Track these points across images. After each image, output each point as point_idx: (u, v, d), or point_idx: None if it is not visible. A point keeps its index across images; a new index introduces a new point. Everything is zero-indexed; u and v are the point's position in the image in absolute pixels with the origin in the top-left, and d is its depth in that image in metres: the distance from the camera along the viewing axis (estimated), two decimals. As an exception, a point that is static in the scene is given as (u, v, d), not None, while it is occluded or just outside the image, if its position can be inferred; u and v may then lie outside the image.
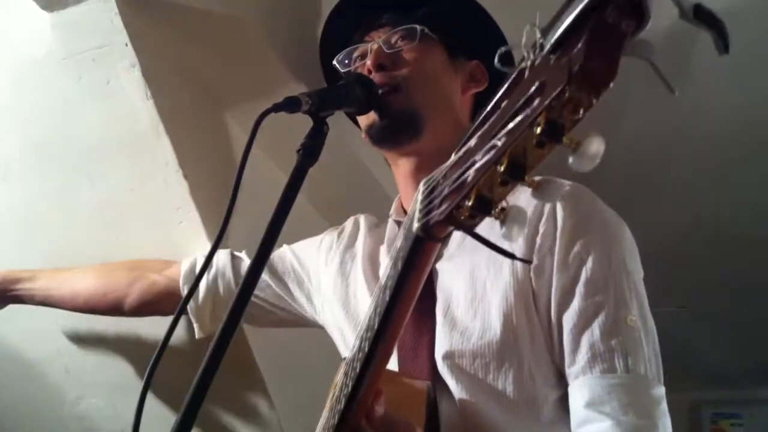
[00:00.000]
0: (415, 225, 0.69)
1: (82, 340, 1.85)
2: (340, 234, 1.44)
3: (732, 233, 2.49)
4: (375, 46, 1.27)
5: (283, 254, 1.48)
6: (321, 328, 1.42)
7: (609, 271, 1.09)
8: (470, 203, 0.59)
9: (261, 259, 0.91)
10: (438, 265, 1.19)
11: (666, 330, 1.16)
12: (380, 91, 1.21)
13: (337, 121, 1.29)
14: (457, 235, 1.19)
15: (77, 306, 1.64)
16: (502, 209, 0.58)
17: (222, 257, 1.52)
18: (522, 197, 0.67)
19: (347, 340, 1.30)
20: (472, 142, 0.62)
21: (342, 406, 0.89)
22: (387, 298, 0.78)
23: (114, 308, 1.61)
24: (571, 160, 0.52)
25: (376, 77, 1.22)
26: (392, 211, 1.35)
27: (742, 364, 3.15)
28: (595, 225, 1.12)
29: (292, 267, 1.46)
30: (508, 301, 1.10)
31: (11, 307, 1.72)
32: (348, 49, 1.34)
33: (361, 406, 0.89)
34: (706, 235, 2.52)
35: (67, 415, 1.97)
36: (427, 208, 0.67)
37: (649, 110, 1.91)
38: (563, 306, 1.08)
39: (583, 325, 1.07)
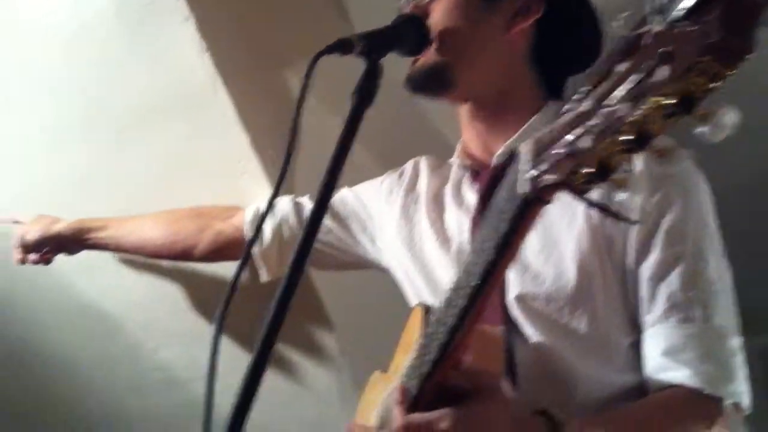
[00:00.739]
0: (524, 187, 0.69)
1: (154, 291, 1.90)
2: (400, 176, 1.43)
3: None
4: None
5: (345, 197, 1.48)
6: (385, 270, 1.43)
7: (688, 223, 1.09)
8: (588, 169, 0.59)
9: (322, 204, 0.91)
10: None
11: (740, 276, 1.15)
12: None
13: (393, 63, 1.28)
14: None
15: (147, 253, 1.71)
16: (620, 176, 0.59)
17: (284, 203, 1.54)
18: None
19: (413, 281, 1.30)
20: (584, 105, 0.61)
21: (434, 356, 0.91)
22: (490, 258, 0.79)
23: (183, 256, 1.68)
24: (702, 130, 0.52)
25: None
26: (457, 154, 1.33)
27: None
28: (675, 176, 1.10)
29: (353, 210, 1.47)
30: (582, 247, 1.10)
31: (87, 263, 1.78)
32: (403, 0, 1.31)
33: (452, 357, 0.91)
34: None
35: (146, 366, 2.05)
36: (535, 170, 0.67)
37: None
38: (641, 255, 1.08)
39: (661, 275, 1.07)
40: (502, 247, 0.78)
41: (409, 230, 1.33)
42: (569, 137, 0.62)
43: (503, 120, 1.23)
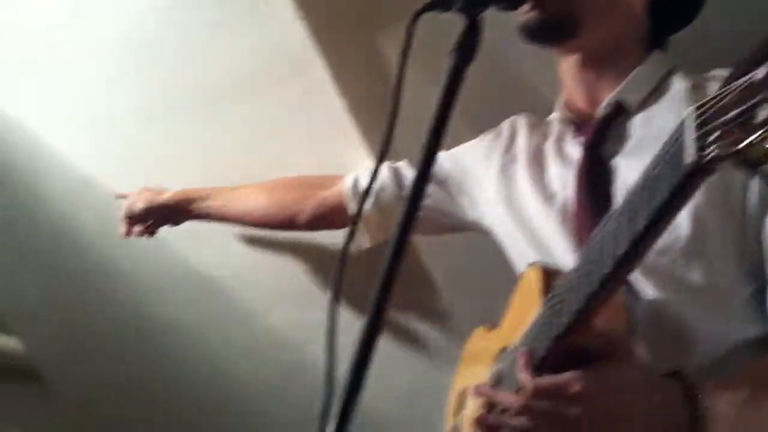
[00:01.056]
0: (689, 156, 0.66)
1: (263, 256, 1.95)
2: (497, 136, 1.41)
3: None
4: None
5: (442, 160, 1.46)
6: (486, 231, 1.41)
7: None
8: None
9: (425, 170, 0.90)
10: (615, 162, 1.15)
11: None
12: None
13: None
14: (637, 131, 1.15)
15: (251, 223, 1.75)
16: None
17: (382, 171, 1.53)
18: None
19: (515, 240, 1.28)
20: (760, 74, 0.58)
21: (569, 319, 0.89)
22: (640, 227, 0.76)
23: (286, 224, 1.70)
24: None
25: None
26: (559, 107, 1.30)
27: None
28: None
29: (452, 172, 1.45)
30: (696, 196, 1.04)
31: (196, 231, 1.84)
32: None
33: (588, 321, 0.90)
34: None
35: (257, 328, 2.10)
36: (704, 140, 0.65)
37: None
38: (765, 205, 1.03)
39: None
40: (657, 216, 0.75)
41: (508, 190, 1.31)
42: (744, 108, 0.59)
43: (611, 70, 1.20)
